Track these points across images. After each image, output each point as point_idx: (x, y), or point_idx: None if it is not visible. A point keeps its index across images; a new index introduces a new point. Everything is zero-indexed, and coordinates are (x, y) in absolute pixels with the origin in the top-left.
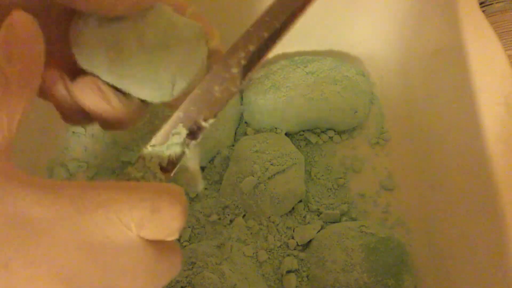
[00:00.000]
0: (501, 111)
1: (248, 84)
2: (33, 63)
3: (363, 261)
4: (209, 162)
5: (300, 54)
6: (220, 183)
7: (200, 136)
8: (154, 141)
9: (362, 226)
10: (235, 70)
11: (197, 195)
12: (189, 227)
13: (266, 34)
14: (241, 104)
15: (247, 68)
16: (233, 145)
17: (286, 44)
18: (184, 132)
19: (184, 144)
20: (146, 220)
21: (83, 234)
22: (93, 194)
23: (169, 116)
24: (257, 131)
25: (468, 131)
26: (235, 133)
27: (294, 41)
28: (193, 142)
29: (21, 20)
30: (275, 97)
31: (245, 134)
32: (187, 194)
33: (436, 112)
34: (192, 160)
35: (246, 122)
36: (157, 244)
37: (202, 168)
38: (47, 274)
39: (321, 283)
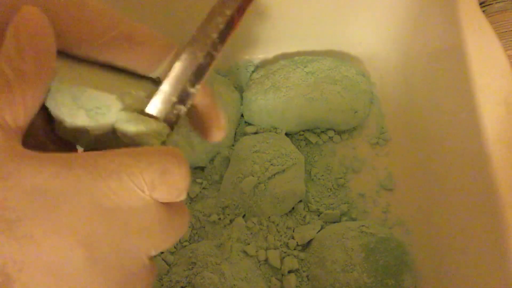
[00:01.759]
0: (501, 111)
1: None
2: (45, 56)
3: (363, 261)
4: (209, 162)
5: (300, 54)
6: (220, 183)
7: (189, 103)
8: (153, 113)
9: (362, 226)
10: (214, 35)
11: (197, 195)
12: (189, 227)
13: None
14: (241, 104)
15: (226, 32)
16: (233, 145)
17: (286, 44)
18: (173, 100)
19: (175, 113)
20: (157, 182)
21: (100, 200)
22: (105, 161)
23: (156, 89)
24: (257, 131)
25: (468, 131)
26: (235, 133)
27: (294, 41)
28: (183, 108)
29: (31, 15)
30: (275, 97)
31: (245, 134)
32: (187, 194)
33: (436, 112)
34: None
35: (246, 122)
36: (168, 205)
37: (202, 168)
38: (69, 240)
39: (321, 283)
